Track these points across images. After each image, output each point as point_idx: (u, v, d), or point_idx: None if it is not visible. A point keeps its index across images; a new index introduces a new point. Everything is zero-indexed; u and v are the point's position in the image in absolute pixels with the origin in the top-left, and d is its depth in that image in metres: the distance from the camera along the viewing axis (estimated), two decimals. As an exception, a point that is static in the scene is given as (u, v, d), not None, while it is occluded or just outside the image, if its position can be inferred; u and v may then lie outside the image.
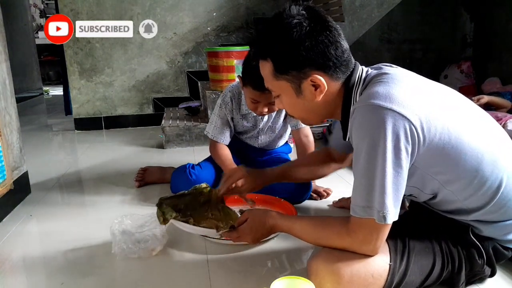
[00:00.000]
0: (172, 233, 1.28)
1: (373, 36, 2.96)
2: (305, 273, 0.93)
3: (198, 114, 2.76)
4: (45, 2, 7.05)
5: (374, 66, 0.95)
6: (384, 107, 0.78)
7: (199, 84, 3.05)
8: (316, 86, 0.89)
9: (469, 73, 2.95)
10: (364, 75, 0.91)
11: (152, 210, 1.50)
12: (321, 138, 2.48)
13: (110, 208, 1.56)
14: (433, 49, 3.22)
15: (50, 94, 5.64)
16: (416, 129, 0.79)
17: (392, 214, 0.80)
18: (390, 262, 0.87)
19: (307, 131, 1.60)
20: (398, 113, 0.78)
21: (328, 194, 1.59)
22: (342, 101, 0.92)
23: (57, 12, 2.93)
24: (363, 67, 0.94)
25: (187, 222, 1.14)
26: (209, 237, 1.20)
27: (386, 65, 0.94)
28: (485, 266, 0.93)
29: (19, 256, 1.23)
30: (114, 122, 3.13)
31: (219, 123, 1.59)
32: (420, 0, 3.11)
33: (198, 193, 1.24)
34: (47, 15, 6.99)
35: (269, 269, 1.10)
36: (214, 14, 3.12)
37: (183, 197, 1.23)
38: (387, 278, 0.86)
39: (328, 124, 2.51)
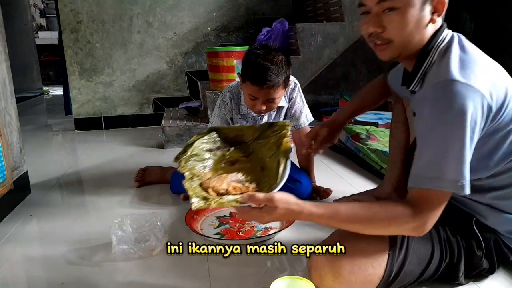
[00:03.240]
0: (172, 233, 1.28)
1: (373, 36, 2.96)
2: (305, 274, 0.93)
3: (198, 114, 2.76)
4: (45, 2, 7.05)
5: (455, 34, 0.93)
6: (466, 83, 0.79)
7: (199, 84, 3.06)
8: (436, 9, 0.88)
9: (469, 73, 2.95)
10: (448, 38, 0.91)
11: (152, 210, 1.50)
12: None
13: (110, 208, 1.56)
14: (433, 49, 3.22)
15: (50, 94, 5.63)
16: (491, 108, 0.81)
17: (469, 184, 0.80)
18: (389, 250, 0.88)
19: (307, 131, 1.60)
20: (478, 90, 0.79)
21: (328, 194, 1.59)
22: (422, 48, 0.90)
23: (57, 12, 2.93)
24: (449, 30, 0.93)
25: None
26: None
27: (465, 40, 0.93)
28: (483, 259, 0.93)
29: (19, 256, 1.23)
30: (114, 122, 3.13)
31: (219, 123, 1.59)
32: (420, 0, 3.11)
33: (273, 125, 1.11)
34: (47, 15, 7.01)
35: (269, 269, 1.10)
36: (214, 14, 3.13)
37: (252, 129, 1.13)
38: (386, 267, 0.87)
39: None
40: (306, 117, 1.60)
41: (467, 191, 0.79)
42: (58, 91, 5.21)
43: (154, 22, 3.05)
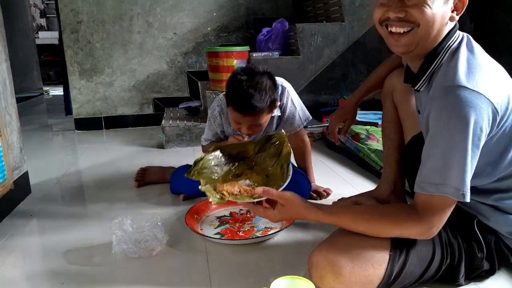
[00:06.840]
0: (172, 233, 1.28)
1: (373, 36, 2.95)
2: (306, 274, 0.93)
3: (198, 114, 2.76)
4: (45, 2, 7.05)
5: (465, 34, 0.93)
6: (473, 90, 0.79)
7: (199, 84, 3.05)
8: (456, 7, 0.88)
9: (469, 73, 2.95)
10: (459, 38, 0.91)
11: (152, 210, 1.50)
12: (321, 138, 2.48)
13: (110, 208, 1.56)
14: (433, 49, 3.22)
15: (50, 94, 5.63)
16: (498, 114, 0.81)
17: (469, 192, 0.81)
18: (390, 251, 0.88)
19: (303, 135, 1.60)
20: (485, 97, 0.79)
21: (328, 194, 1.59)
22: (433, 49, 0.90)
23: (57, 12, 2.93)
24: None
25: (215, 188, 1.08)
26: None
27: (473, 41, 0.93)
28: (484, 260, 0.93)
29: (19, 256, 1.23)
30: (114, 122, 3.13)
31: (210, 135, 1.59)
32: (420, 0, 3.11)
33: (271, 138, 1.22)
34: (47, 15, 7.01)
35: (269, 269, 1.10)
36: (214, 14, 3.13)
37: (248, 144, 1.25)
38: (387, 268, 0.87)
39: (327, 125, 2.51)
40: (300, 119, 1.55)
41: (468, 199, 0.80)
42: (58, 91, 5.21)
43: (154, 22, 3.05)
